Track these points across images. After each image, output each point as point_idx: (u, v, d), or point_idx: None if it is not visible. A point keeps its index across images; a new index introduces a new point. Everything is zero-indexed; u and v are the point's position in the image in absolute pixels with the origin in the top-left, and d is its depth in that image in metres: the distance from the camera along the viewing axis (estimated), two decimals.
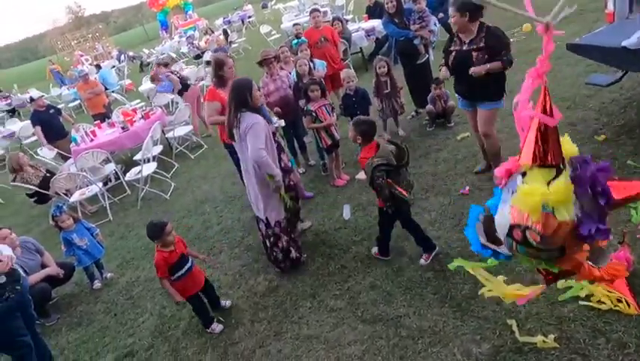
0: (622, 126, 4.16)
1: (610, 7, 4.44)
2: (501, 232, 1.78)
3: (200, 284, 3.42)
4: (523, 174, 1.69)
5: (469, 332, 2.69)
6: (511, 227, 1.69)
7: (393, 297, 3.16)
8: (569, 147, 1.73)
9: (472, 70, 3.65)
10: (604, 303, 2.50)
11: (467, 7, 3.58)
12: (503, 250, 1.90)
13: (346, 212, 4.32)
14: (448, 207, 3.91)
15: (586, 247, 1.78)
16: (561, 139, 1.68)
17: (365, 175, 4.55)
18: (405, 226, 3.46)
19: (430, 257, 3.38)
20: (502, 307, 2.76)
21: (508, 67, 3.63)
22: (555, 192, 1.57)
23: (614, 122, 4.29)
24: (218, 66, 4.39)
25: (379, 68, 5.27)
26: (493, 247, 1.96)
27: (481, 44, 3.66)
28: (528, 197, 1.61)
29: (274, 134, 3.74)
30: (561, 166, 1.63)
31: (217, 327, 3.41)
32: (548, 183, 1.60)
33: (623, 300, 2.48)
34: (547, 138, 1.60)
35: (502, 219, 1.75)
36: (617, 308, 2.46)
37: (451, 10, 3.72)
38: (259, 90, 3.65)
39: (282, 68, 5.27)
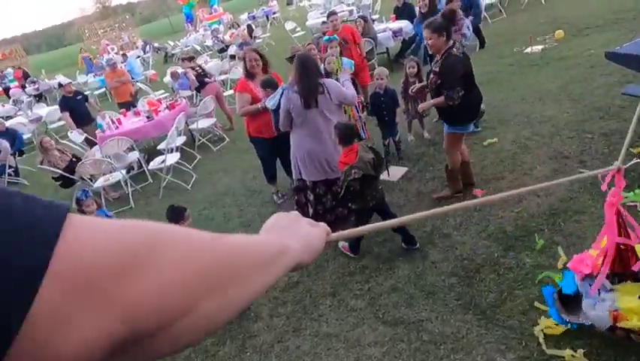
0: None
1: None
2: (599, 323, 2.30)
3: None
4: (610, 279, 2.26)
5: (493, 341, 2.64)
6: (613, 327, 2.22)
7: (415, 300, 3.12)
8: None
9: (420, 106, 4.14)
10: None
11: (443, 27, 3.53)
12: (586, 320, 2.40)
13: None
14: (474, 213, 3.85)
15: None
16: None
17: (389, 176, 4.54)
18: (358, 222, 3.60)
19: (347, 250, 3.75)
20: (528, 317, 2.70)
21: (450, 102, 3.55)
22: None
23: None
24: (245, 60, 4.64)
25: (409, 68, 5.21)
26: (578, 320, 2.46)
27: (437, 69, 3.65)
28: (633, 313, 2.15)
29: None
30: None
31: None
32: None
33: None
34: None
35: (600, 315, 2.26)
36: None
37: (425, 32, 3.62)
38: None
39: None
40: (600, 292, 2.27)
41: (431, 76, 3.75)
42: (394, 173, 4.85)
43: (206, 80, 8.38)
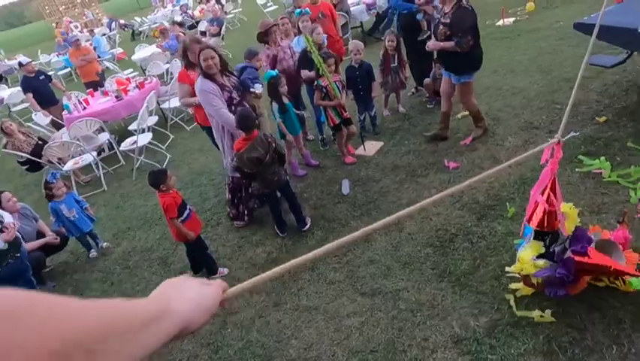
0: (624, 108, 4.17)
1: None
2: None
3: (200, 227, 3.70)
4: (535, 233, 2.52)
5: (467, 306, 2.73)
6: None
7: (392, 271, 3.19)
8: (571, 224, 2.50)
9: (428, 45, 4.17)
10: (601, 280, 2.55)
11: None
12: None
13: (345, 187, 4.32)
14: (448, 185, 3.92)
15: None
16: (571, 213, 2.56)
17: (365, 150, 4.57)
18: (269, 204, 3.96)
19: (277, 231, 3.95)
20: (500, 282, 2.81)
21: (460, 50, 3.87)
22: (529, 265, 2.48)
23: (615, 104, 4.30)
24: (184, 50, 4.41)
25: (389, 41, 5.18)
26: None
27: (447, 20, 3.89)
28: (520, 262, 2.55)
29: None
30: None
31: (224, 270, 3.69)
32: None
33: (619, 278, 2.53)
34: (546, 216, 2.40)
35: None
36: (613, 285, 2.50)
37: None
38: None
39: (281, 39, 5.16)
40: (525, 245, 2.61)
41: (440, 28, 3.97)
42: (370, 148, 4.87)
43: None
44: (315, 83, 4.52)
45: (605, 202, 3.18)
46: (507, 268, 2.80)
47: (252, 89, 4.05)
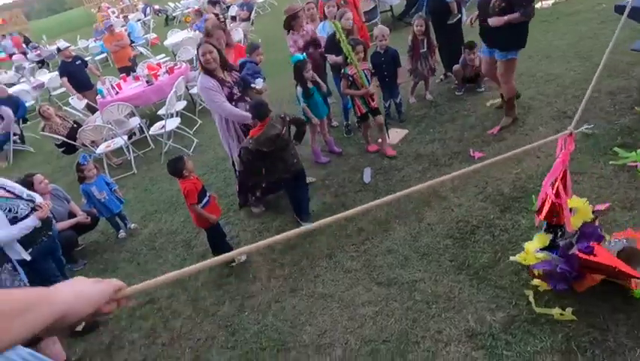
0: None
1: None
2: None
3: (219, 212, 3.76)
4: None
5: (484, 300, 2.67)
6: None
7: (410, 262, 3.15)
8: (578, 220, 2.43)
9: (491, 21, 3.84)
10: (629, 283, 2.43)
11: None
12: None
13: (367, 175, 4.28)
14: (472, 175, 3.81)
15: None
16: (583, 208, 2.46)
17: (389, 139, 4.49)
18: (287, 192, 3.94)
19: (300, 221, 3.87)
20: (520, 277, 2.72)
21: (526, 19, 3.71)
22: (531, 256, 2.55)
23: None
24: (207, 36, 4.36)
25: (417, 26, 5.05)
26: None
27: None
28: (525, 252, 2.65)
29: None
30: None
31: (242, 256, 3.68)
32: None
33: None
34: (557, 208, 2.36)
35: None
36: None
37: None
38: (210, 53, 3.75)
39: (307, 24, 5.12)
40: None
41: (493, 1, 3.80)
42: (394, 136, 4.79)
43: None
44: (342, 71, 4.41)
45: None
46: (511, 258, 2.79)
47: (252, 85, 4.00)
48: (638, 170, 3.22)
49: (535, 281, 2.61)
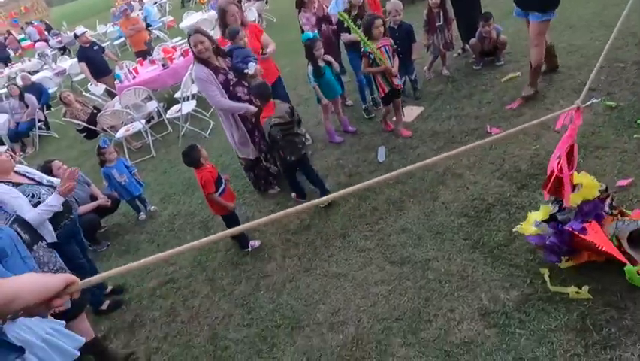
0: None
1: None
2: None
3: (234, 198, 3.80)
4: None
5: (498, 279, 2.64)
6: None
7: (423, 240, 3.14)
8: (593, 190, 2.38)
9: None
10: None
11: None
12: None
13: (381, 154, 4.24)
14: (489, 152, 3.73)
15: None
16: (589, 185, 2.37)
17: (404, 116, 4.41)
18: (304, 172, 3.93)
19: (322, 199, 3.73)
20: (536, 255, 2.67)
21: None
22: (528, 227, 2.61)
23: None
24: (222, 14, 4.23)
25: None
26: None
27: None
28: (526, 221, 2.67)
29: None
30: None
31: (256, 243, 3.72)
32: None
33: None
34: (561, 182, 2.30)
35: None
36: None
37: None
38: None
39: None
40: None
41: None
42: (409, 113, 4.70)
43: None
44: (362, 49, 4.18)
45: None
46: (514, 228, 2.80)
47: (245, 71, 3.88)
48: None
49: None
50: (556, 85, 4.25)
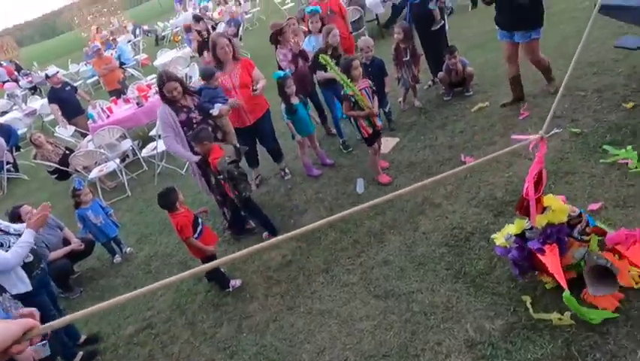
0: None
1: None
2: None
3: (215, 240, 3.73)
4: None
5: (482, 308, 2.65)
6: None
7: (406, 272, 3.13)
8: (561, 215, 2.44)
9: None
10: (624, 280, 2.41)
11: None
12: None
13: (360, 186, 4.27)
14: (464, 180, 3.81)
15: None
16: (558, 208, 2.44)
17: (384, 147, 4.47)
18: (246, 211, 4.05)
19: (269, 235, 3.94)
20: (517, 283, 2.70)
21: None
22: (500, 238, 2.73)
23: None
24: (213, 47, 4.37)
25: (397, 34, 5.09)
26: None
27: None
28: (500, 232, 2.77)
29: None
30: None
31: (236, 282, 3.64)
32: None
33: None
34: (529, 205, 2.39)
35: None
36: (638, 286, 2.36)
37: None
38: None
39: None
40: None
41: None
42: (386, 144, 4.78)
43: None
44: (343, 92, 4.01)
45: (631, 195, 3.00)
46: (492, 235, 2.88)
47: (210, 111, 3.98)
48: (629, 167, 3.21)
49: (543, 277, 2.62)
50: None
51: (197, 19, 8.70)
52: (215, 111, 3.95)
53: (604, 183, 3.19)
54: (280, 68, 4.94)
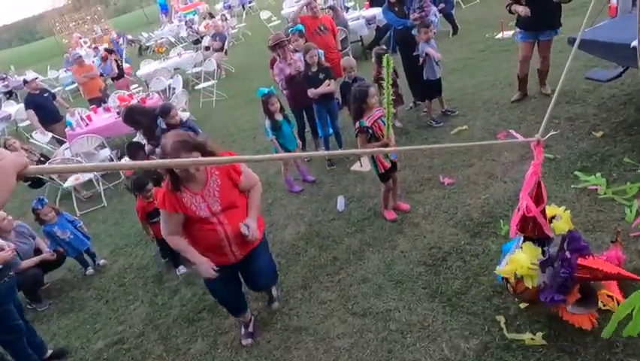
0: (621, 123, 4.12)
1: (613, 0, 4.36)
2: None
3: None
4: (525, 238, 2.40)
5: (457, 328, 2.69)
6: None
7: (384, 290, 3.15)
8: (564, 225, 2.41)
9: None
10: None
11: None
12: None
13: (340, 203, 4.30)
14: (442, 201, 3.89)
15: None
16: (562, 216, 2.47)
17: (362, 166, 4.53)
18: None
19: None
20: (492, 303, 2.76)
21: None
22: (525, 268, 2.31)
23: (612, 118, 4.24)
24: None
25: (375, 56, 5.21)
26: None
27: None
28: (512, 263, 2.36)
29: None
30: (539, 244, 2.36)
31: (183, 269, 4.02)
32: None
33: (614, 298, 2.47)
34: (531, 219, 2.29)
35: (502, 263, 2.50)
36: (606, 308, 2.44)
37: None
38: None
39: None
40: (515, 249, 2.46)
41: None
42: (366, 163, 4.85)
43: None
44: (358, 124, 3.57)
45: (601, 220, 3.13)
46: (497, 269, 2.49)
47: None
48: (599, 193, 3.35)
49: (517, 299, 2.60)
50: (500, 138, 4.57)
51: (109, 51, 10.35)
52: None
53: (574, 207, 3.31)
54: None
